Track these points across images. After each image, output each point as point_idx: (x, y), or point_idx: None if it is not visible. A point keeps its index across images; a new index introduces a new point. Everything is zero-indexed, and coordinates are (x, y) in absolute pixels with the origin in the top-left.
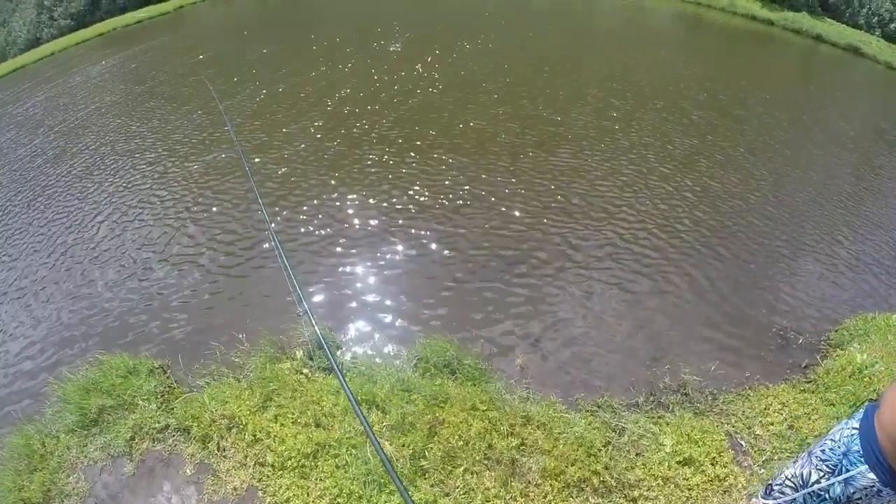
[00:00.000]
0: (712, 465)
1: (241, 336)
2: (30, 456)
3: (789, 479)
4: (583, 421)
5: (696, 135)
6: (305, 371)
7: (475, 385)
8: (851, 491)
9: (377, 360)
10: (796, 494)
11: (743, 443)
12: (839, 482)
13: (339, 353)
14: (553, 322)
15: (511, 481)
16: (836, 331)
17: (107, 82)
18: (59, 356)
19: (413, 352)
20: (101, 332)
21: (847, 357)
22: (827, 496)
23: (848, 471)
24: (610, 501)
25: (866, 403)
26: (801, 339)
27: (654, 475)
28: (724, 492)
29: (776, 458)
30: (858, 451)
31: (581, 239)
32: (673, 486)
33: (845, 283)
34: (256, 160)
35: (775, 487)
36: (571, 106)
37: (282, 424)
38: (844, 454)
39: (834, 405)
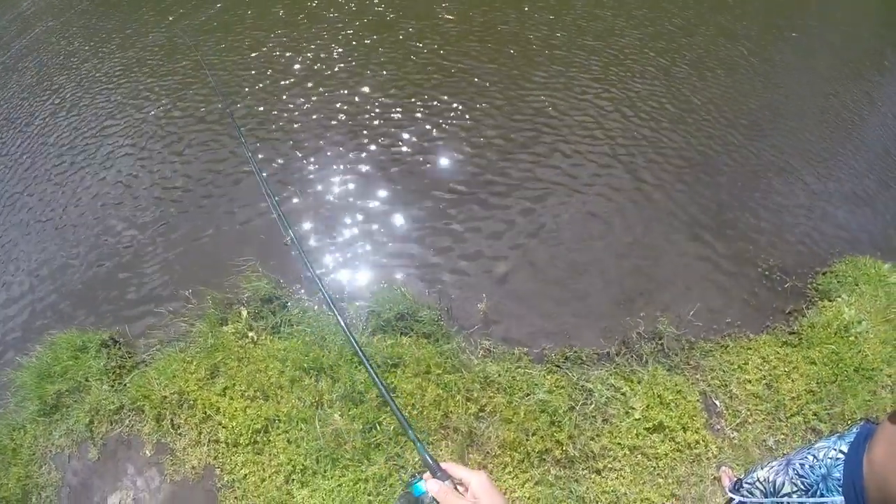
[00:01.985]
0: (683, 430)
1: (187, 293)
2: (2, 451)
3: (760, 482)
4: (547, 381)
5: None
6: (251, 335)
7: (431, 343)
8: None
9: (325, 315)
10: (764, 500)
11: (718, 403)
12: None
13: (284, 310)
14: (520, 259)
15: (468, 452)
16: (823, 274)
17: None
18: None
19: (364, 304)
20: (50, 303)
21: (834, 310)
22: None
23: (823, 496)
24: (573, 472)
25: (860, 423)
26: (788, 282)
27: (620, 444)
28: (694, 460)
29: (751, 420)
30: (839, 480)
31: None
32: (640, 455)
33: (839, 217)
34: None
35: (745, 485)
36: None
37: (230, 398)
38: (824, 477)
39: (815, 364)
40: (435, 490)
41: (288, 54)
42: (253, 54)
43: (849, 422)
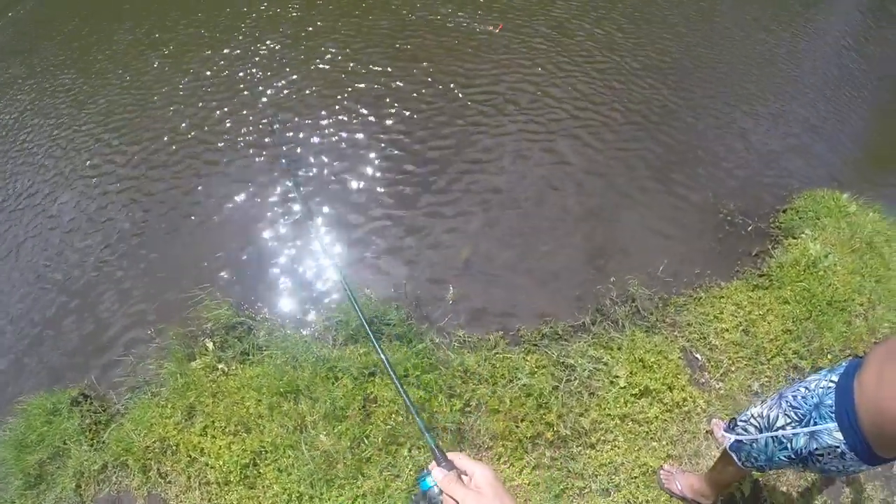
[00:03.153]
0: (670, 390)
1: (150, 332)
2: None
3: (755, 419)
4: (528, 363)
5: None
6: (221, 366)
7: (405, 344)
8: (815, 447)
9: (297, 332)
10: (759, 435)
11: (699, 356)
12: (804, 434)
13: (250, 335)
14: (482, 240)
15: (461, 449)
16: (784, 211)
17: None
18: None
19: (330, 315)
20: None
21: (800, 247)
22: (789, 445)
23: (816, 424)
24: (567, 451)
25: (849, 359)
26: (751, 224)
27: (609, 415)
28: (684, 418)
29: (734, 368)
30: (831, 407)
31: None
32: (631, 422)
33: (793, 153)
34: None
35: (739, 423)
36: None
37: (212, 437)
38: (816, 406)
39: (789, 303)
40: (439, 478)
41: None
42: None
43: (828, 355)
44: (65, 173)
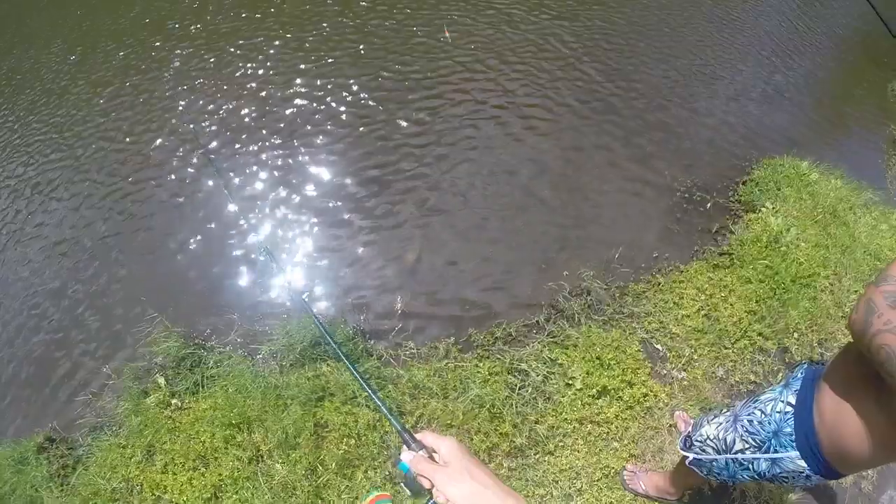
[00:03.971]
0: (629, 387)
1: (105, 368)
2: None
3: (711, 440)
4: (480, 371)
5: None
6: (174, 401)
7: (353, 362)
8: (778, 471)
9: (245, 359)
10: (718, 456)
11: (660, 347)
12: (765, 459)
13: (200, 365)
14: (428, 240)
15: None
16: (744, 183)
17: None
18: None
19: (276, 340)
20: None
21: (761, 222)
22: (751, 467)
23: (776, 451)
24: (525, 461)
25: (804, 366)
26: (710, 199)
27: (566, 420)
28: (646, 414)
29: (697, 356)
30: (791, 435)
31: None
32: (590, 424)
33: (748, 120)
34: None
35: (696, 443)
36: None
37: (173, 474)
38: (775, 433)
39: (751, 282)
40: (408, 460)
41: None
42: None
43: (794, 334)
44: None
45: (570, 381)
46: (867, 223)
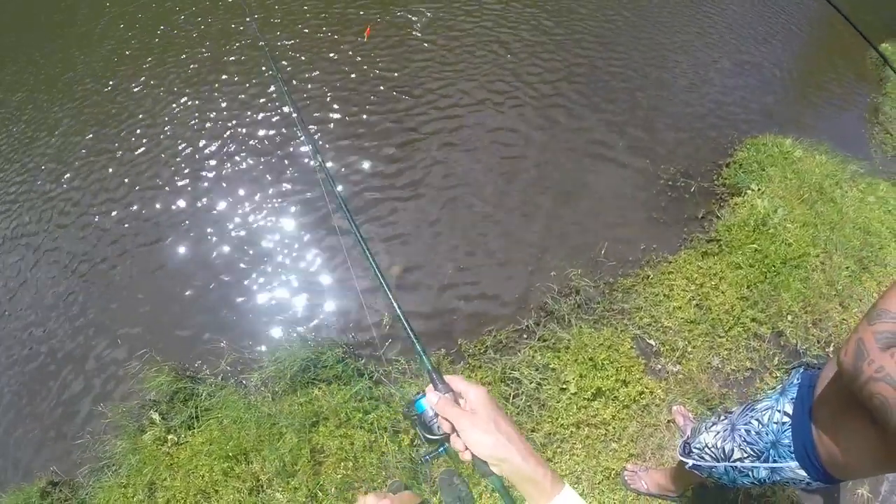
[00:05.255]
0: (624, 386)
1: (100, 407)
2: None
3: (709, 448)
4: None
5: None
6: (171, 437)
7: (343, 384)
8: (778, 478)
9: (237, 389)
10: (717, 464)
11: (652, 342)
12: (765, 468)
13: (193, 398)
14: (412, 252)
15: (416, 484)
16: (727, 165)
17: None
18: None
19: (266, 367)
20: None
21: (748, 205)
22: (751, 474)
23: (776, 461)
24: None
25: (799, 371)
26: (694, 185)
27: (563, 425)
28: (643, 412)
29: (691, 348)
30: (789, 447)
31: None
32: (587, 427)
33: (727, 100)
34: None
35: (694, 450)
36: None
37: None
38: (773, 444)
39: (741, 268)
40: (434, 401)
41: None
42: None
43: (788, 316)
44: None
45: (564, 386)
46: (854, 197)
